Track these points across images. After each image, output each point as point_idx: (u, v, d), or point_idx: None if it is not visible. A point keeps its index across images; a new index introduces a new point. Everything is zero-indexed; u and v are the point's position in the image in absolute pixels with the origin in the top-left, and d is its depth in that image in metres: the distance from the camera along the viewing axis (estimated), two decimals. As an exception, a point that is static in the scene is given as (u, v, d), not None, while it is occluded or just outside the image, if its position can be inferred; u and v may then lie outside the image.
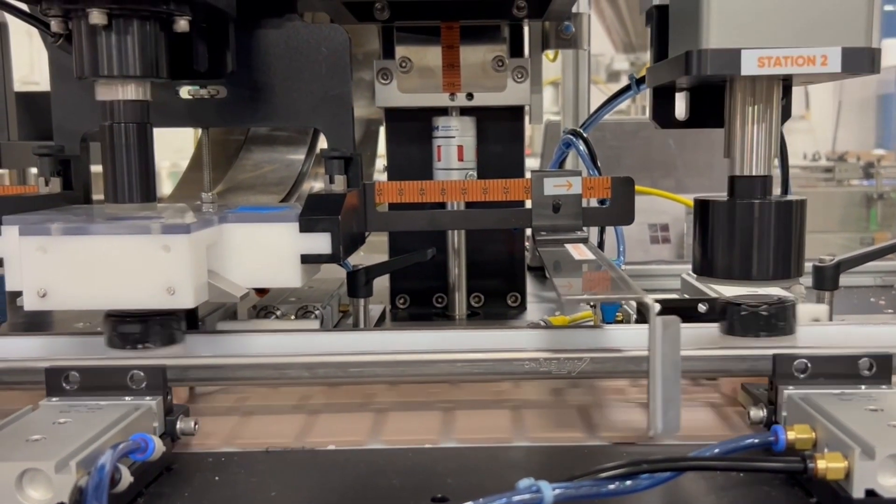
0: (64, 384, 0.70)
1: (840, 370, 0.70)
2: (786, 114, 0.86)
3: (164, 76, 0.79)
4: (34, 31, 0.89)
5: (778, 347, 0.74)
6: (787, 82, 0.83)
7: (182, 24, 0.78)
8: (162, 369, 0.71)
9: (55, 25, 0.76)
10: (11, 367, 0.76)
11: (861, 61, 0.71)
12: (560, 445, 0.73)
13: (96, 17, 0.73)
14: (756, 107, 0.77)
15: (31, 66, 3.70)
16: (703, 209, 0.80)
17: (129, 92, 0.77)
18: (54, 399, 0.70)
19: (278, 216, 0.82)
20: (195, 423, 0.71)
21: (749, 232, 0.77)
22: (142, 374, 0.70)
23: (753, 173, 0.78)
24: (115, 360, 0.74)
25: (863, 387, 0.70)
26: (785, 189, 0.98)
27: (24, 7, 0.83)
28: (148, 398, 0.69)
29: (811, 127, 6.44)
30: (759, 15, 0.71)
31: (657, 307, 0.65)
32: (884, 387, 0.70)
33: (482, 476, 0.67)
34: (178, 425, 0.71)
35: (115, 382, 0.70)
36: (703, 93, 0.90)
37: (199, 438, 0.73)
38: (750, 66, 0.71)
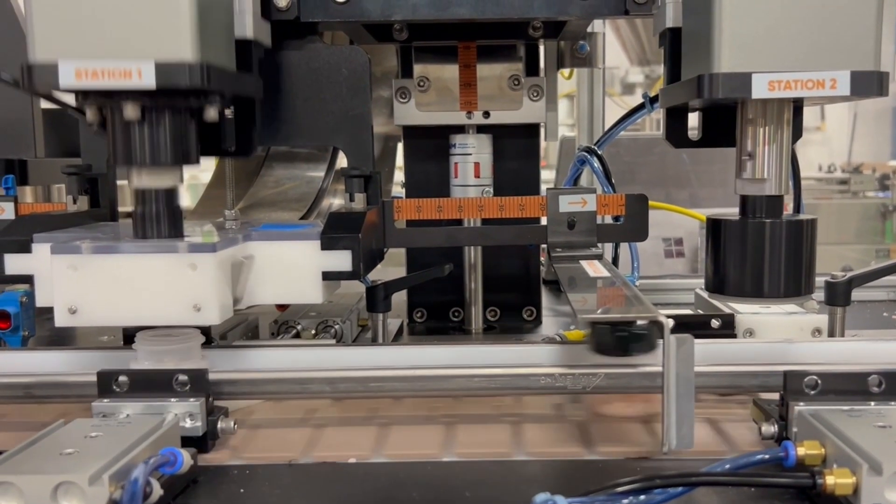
0: (114, 386, 0.74)
1: (850, 387, 0.72)
2: (797, 133, 0.88)
3: (194, 162, 0.81)
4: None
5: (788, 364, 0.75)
6: (798, 103, 0.84)
7: (212, 114, 0.79)
8: (204, 372, 0.75)
9: (90, 115, 0.78)
10: (45, 381, 0.79)
11: (870, 84, 0.72)
12: (574, 460, 0.74)
13: (130, 112, 0.75)
14: (767, 127, 0.79)
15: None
16: (715, 228, 0.82)
17: (162, 180, 0.79)
18: (105, 400, 0.74)
19: (300, 234, 0.84)
20: (234, 423, 0.76)
21: (760, 250, 0.79)
22: (185, 377, 0.74)
23: (765, 193, 0.79)
24: (160, 365, 0.77)
25: (872, 403, 0.71)
26: (797, 206, 1.00)
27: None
28: (192, 399, 0.73)
29: (826, 138, 6.44)
30: (769, 39, 0.73)
31: (671, 325, 0.67)
32: (893, 403, 0.71)
33: (498, 490, 0.68)
34: (220, 425, 0.75)
35: (161, 385, 0.74)
36: (715, 113, 0.92)
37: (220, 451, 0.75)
38: (760, 89, 0.72)
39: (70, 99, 0.80)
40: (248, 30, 0.85)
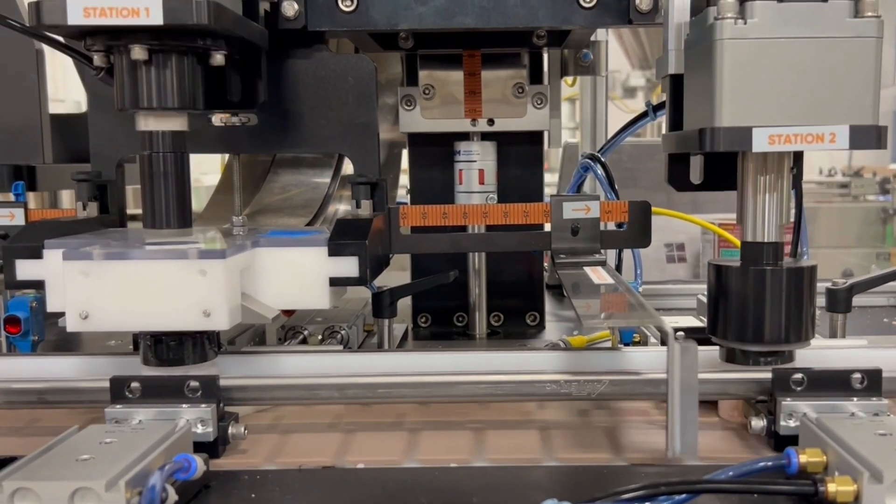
0: (127, 393, 0.76)
1: (834, 383, 0.76)
2: (798, 175, 0.88)
3: (200, 108, 0.83)
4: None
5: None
6: (797, 152, 0.85)
7: (218, 59, 0.81)
8: (215, 378, 0.76)
9: (97, 60, 0.80)
10: (55, 387, 0.80)
11: (868, 138, 0.74)
12: (581, 466, 0.75)
13: (138, 52, 0.77)
14: (767, 177, 0.80)
15: (56, 85, 3.75)
16: (717, 273, 0.82)
17: (168, 123, 0.81)
18: (118, 406, 0.75)
19: (308, 240, 0.85)
20: (245, 429, 0.77)
21: (761, 297, 0.80)
22: (197, 383, 0.75)
23: (765, 240, 0.80)
24: (172, 371, 0.79)
25: (855, 399, 0.75)
26: (794, 251, 1.00)
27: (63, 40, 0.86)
28: (203, 405, 0.75)
29: (827, 142, 6.43)
30: (769, 93, 0.74)
31: (675, 333, 0.68)
32: (874, 399, 0.75)
33: (506, 496, 0.69)
34: (230, 430, 0.76)
35: (173, 391, 0.75)
36: (717, 158, 0.92)
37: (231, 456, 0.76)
38: (761, 143, 0.73)
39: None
40: None
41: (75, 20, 0.74)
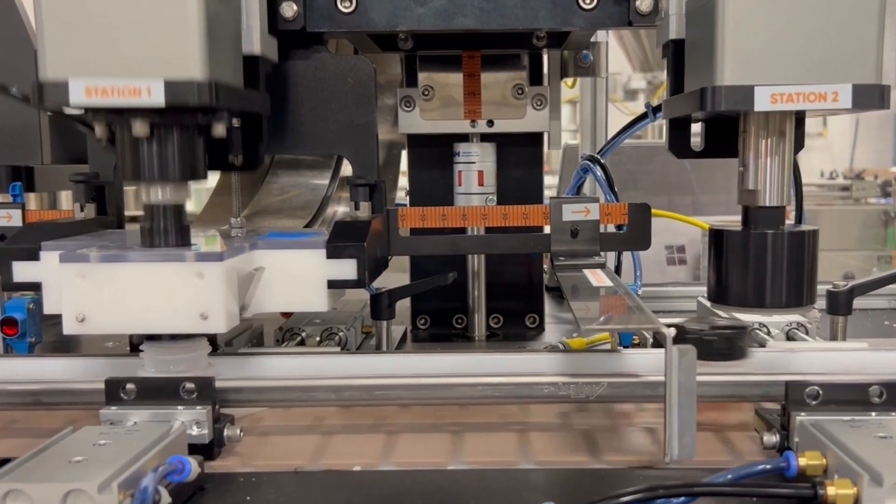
0: (122, 394, 0.75)
1: (851, 397, 0.72)
2: (799, 143, 0.88)
3: (201, 177, 0.82)
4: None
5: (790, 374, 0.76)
6: (800, 115, 0.85)
7: (220, 130, 0.80)
8: (211, 380, 0.75)
9: (99, 130, 0.79)
10: (50, 388, 0.80)
11: (871, 97, 0.73)
12: (578, 468, 0.75)
13: (139, 129, 0.76)
14: (769, 139, 0.80)
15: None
16: (717, 238, 0.82)
17: (169, 194, 0.80)
18: (113, 407, 0.75)
19: (306, 243, 0.85)
20: (240, 431, 0.76)
21: (763, 261, 0.79)
22: (192, 385, 0.75)
23: (767, 204, 0.80)
24: (167, 373, 0.78)
25: (873, 413, 0.72)
26: (799, 216, 1.00)
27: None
28: (198, 407, 0.74)
29: (828, 145, 6.44)
30: (771, 52, 0.74)
31: (673, 336, 0.68)
32: (894, 414, 0.72)
33: (503, 498, 0.69)
34: (226, 432, 0.75)
35: (168, 393, 0.75)
36: (718, 123, 0.92)
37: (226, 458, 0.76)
38: (763, 102, 0.73)
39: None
40: (255, 46, 0.86)
41: (77, 101, 0.73)
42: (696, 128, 0.96)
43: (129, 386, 0.75)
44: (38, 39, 0.74)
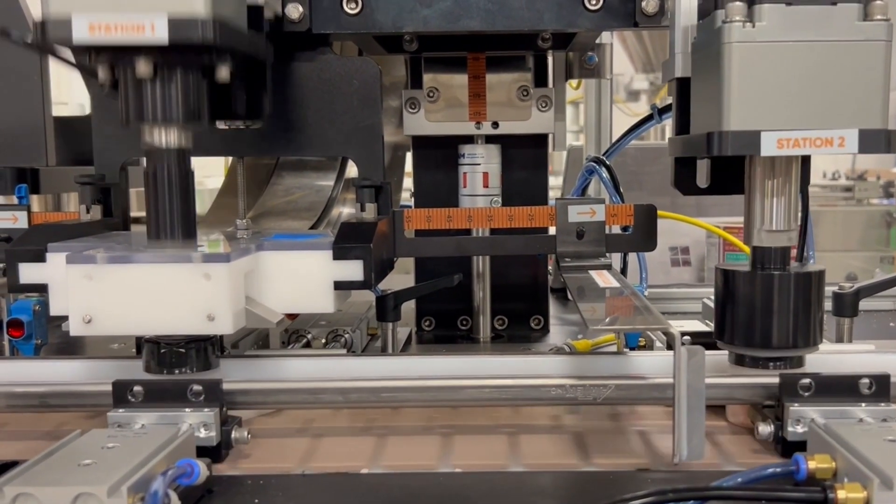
0: (129, 397, 0.75)
1: (842, 389, 0.75)
2: (805, 181, 0.87)
3: (205, 121, 0.82)
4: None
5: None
6: (805, 156, 0.85)
7: (223, 73, 0.80)
8: (218, 382, 0.75)
9: (102, 74, 0.79)
10: (58, 390, 0.80)
11: (878, 142, 0.73)
12: (585, 471, 0.75)
13: (143, 68, 0.76)
14: (775, 181, 0.79)
15: (59, 87, 3.75)
16: (724, 278, 0.82)
17: (173, 137, 0.80)
18: (120, 410, 0.75)
19: (312, 244, 0.84)
20: (248, 433, 0.76)
21: (769, 302, 0.79)
22: (200, 387, 0.75)
23: (773, 244, 0.80)
24: (175, 376, 0.78)
25: (863, 404, 0.74)
26: (800, 255, 0.99)
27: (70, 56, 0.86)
28: (206, 409, 0.74)
29: (830, 145, 6.42)
30: (777, 98, 0.73)
31: (683, 338, 0.68)
32: (882, 404, 0.74)
33: (510, 502, 0.69)
34: (234, 435, 0.75)
35: (176, 395, 0.75)
36: (724, 161, 0.91)
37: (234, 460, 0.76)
38: (769, 147, 0.73)
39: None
40: None
41: (81, 37, 0.73)
42: (702, 164, 0.95)
43: (137, 388, 0.75)
44: None
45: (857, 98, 0.72)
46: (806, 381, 0.75)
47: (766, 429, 0.76)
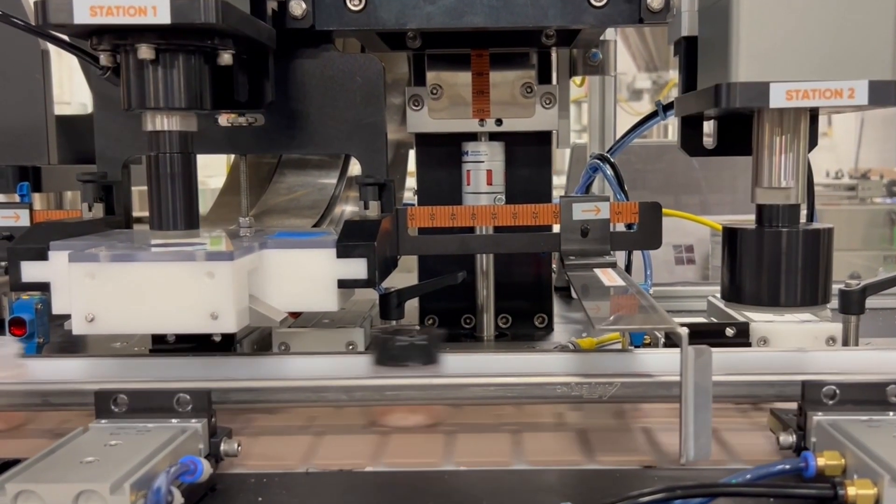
0: (112, 406, 0.72)
1: (868, 397, 0.71)
2: (812, 141, 0.87)
3: (207, 107, 0.82)
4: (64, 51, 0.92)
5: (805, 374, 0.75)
6: (813, 112, 0.84)
7: (225, 58, 0.80)
8: (207, 392, 0.73)
9: (104, 59, 0.79)
10: (60, 389, 0.79)
11: (888, 94, 0.72)
12: (592, 469, 0.74)
13: (144, 52, 0.76)
14: (784, 136, 0.79)
15: (62, 86, 3.76)
16: (731, 237, 0.81)
17: (175, 123, 0.80)
18: (103, 421, 0.72)
19: (316, 242, 0.84)
20: (238, 445, 0.73)
21: (777, 260, 0.79)
22: (188, 396, 0.72)
23: (781, 202, 0.79)
24: (161, 384, 0.77)
25: (891, 413, 0.71)
26: (810, 215, 1.00)
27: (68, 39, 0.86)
28: (193, 421, 0.71)
29: (834, 144, 6.43)
30: (787, 49, 0.73)
31: (688, 336, 0.67)
32: None
33: (515, 500, 0.68)
34: (222, 447, 0.72)
35: (162, 405, 0.72)
36: (730, 121, 0.92)
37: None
38: (778, 98, 0.72)
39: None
40: None
41: (82, 19, 0.73)
42: (708, 126, 0.95)
43: (121, 398, 0.72)
44: None
45: (867, 49, 0.72)
46: (830, 388, 0.71)
47: (787, 439, 0.72)
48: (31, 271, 0.82)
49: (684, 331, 0.68)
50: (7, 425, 0.86)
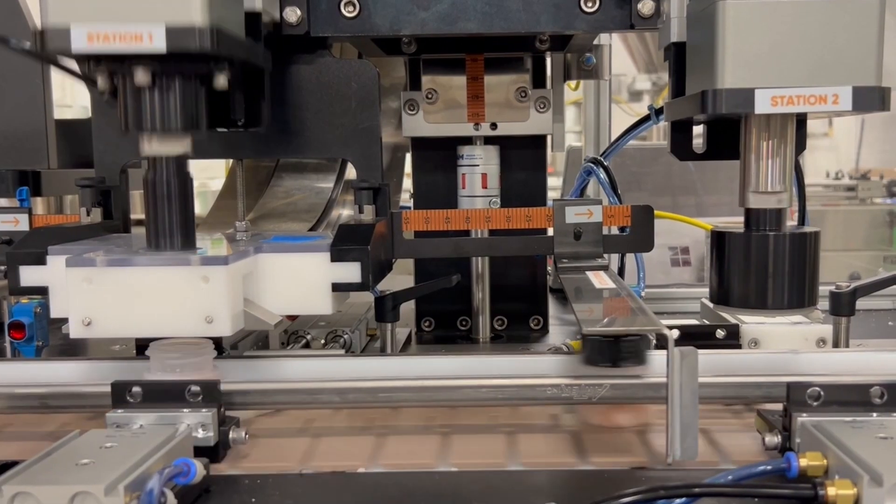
0: (128, 397, 0.75)
1: (852, 398, 0.72)
2: (801, 145, 0.89)
3: (203, 129, 0.82)
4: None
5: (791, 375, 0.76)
6: (801, 117, 0.85)
7: (221, 81, 0.81)
8: (216, 383, 0.76)
9: (101, 83, 0.79)
10: (60, 391, 0.81)
11: (872, 100, 0.74)
12: (580, 470, 0.75)
13: (141, 77, 0.77)
14: (770, 141, 0.80)
15: (63, 89, 3.78)
16: (719, 240, 0.83)
17: (171, 146, 0.80)
18: (119, 410, 0.75)
19: (311, 246, 0.85)
20: (245, 433, 0.76)
21: (764, 263, 0.80)
22: (198, 388, 0.75)
23: (768, 206, 0.80)
24: (173, 376, 0.79)
25: (874, 414, 0.72)
26: (802, 218, 1.01)
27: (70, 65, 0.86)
28: (204, 410, 0.74)
29: (834, 145, 6.43)
30: (772, 55, 0.74)
31: (676, 338, 0.68)
32: (895, 415, 0.72)
33: (506, 500, 0.69)
34: (231, 435, 0.76)
35: (174, 396, 0.75)
36: (720, 126, 0.93)
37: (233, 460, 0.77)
38: (763, 104, 0.73)
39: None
40: (256, 1, 0.87)
41: (79, 47, 0.74)
42: (698, 130, 0.97)
43: (136, 389, 0.76)
44: None
45: (851, 55, 0.73)
46: (815, 389, 0.72)
47: (773, 440, 0.73)
48: (29, 275, 0.83)
49: (671, 333, 0.69)
50: (5, 428, 0.87)
